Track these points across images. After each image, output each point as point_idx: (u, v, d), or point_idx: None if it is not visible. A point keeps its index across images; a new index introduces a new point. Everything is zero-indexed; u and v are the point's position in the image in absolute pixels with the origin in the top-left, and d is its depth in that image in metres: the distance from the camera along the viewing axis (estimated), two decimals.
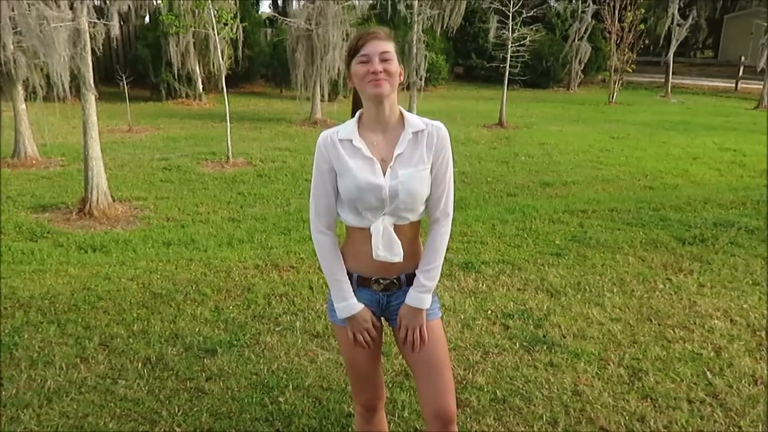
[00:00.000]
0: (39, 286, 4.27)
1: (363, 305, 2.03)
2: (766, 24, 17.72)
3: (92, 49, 6.50)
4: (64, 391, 3.01)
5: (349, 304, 2.01)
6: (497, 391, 3.06)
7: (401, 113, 1.98)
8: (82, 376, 3.14)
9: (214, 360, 3.32)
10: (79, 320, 3.74)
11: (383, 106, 1.93)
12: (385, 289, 2.03)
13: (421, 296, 2.00)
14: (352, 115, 2.05)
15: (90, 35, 6.40)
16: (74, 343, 3.47)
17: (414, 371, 2.10)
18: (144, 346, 3.45)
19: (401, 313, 2.03)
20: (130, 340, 3.53)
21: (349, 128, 1.97)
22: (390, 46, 1.90)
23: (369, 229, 1.94)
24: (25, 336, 3.53)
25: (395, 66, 1.90)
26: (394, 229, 1.93)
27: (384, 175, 1.91)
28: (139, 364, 3.27)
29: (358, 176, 1.90)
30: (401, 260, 1.94)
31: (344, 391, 3.03)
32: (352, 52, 1.91)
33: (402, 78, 1.94)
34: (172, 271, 4.61)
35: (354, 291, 2.02)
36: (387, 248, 1.92)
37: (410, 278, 2.02)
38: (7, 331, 3.59)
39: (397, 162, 1.93)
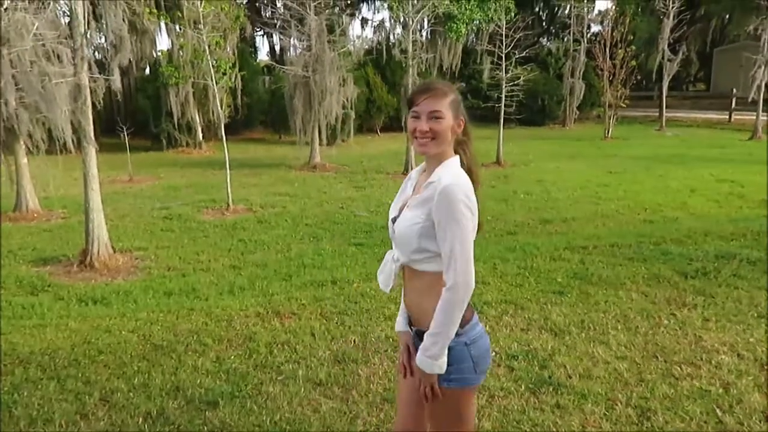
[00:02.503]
0: (39, 341, 4.24)
1: (406, 330, 2.14)
2: (755, 57, 18.01)
3: (92, 103, 6.61)
4: None
5: (398, 320, 2.20)
6: None
7: (450, 162, 2.01)
8: None
9: (216, 412, 3.27)
10: (80, 375, 3.70)
11: (429, 158, 2.03)
12: (414, 335, 2.13)
13: (423, 359, 1.97)
14: None
15: (90, 89, 6.52)
16: (74, 399, 3.43)
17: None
18: (145, 400, 3.41)
19: (414, 370, 2.07)
20: (131, 394, 3.48)
21: (420, 167, 2.13)
22: (442, 104, 1.95)
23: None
24: (25, 393, 3.49)
25: (444, 125, 1.95)
26: (406, 271, 2.05)
27: (400, 211, 2.06)
28: (140, 419, 3.22)
29: (392, 211, 2.12)
30: (386, 291, 2.09)
31: None
32: (408, 104, 2.00)
33: (459, 130, 2.01)
34: (173, 322, 4.58)
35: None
36: (381, 273, 2.10)
37: (421, 336, 2.01)
38: (6, 388, 3.55)
39: (410, 203, 2.04)
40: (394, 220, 2.08)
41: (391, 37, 21.47)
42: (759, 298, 4.81)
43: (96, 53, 17.27)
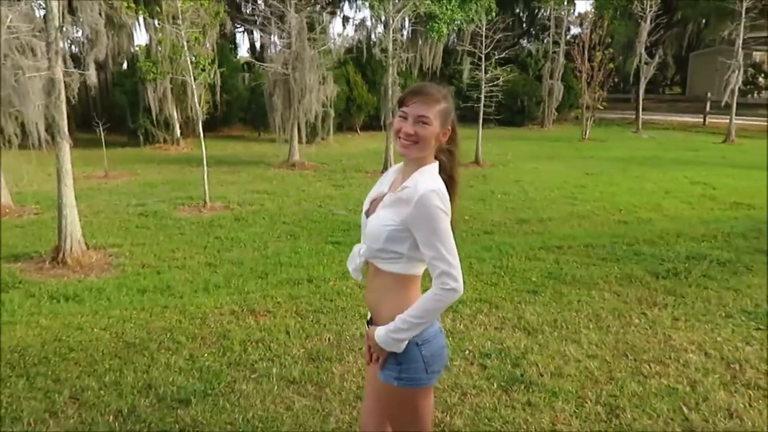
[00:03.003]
0: (8, 339, 4.17)
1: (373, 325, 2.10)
2: (729, 61, 18.33)
3: (67, 98, 6.51)
4: None
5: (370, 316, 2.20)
6: None
7: (429, 167, 2.01)
8: None
9: (188, 410, 3.26)
10: (49, 373, 3.66)
11: (408, 160, 2.02)
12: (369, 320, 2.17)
13: (386, 336, 1.98)
14: None
15: (65, 84, 6.42)
16: (43, 397, 3.39)
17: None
18: (116, 398, 3.38)
19: (368, 332, 2.07)
20: (102, 392, 3.45)
21: (401, 164, 2.10)
22: (431, 111, 1.93)
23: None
24: None
25: (430, 131, 1.93)
26: (370, 267, 2.07)
27: (375, 207, 2.06)
28: (111, 417, 3.19)
29: (367, 209, 2.11)
30: (359, 279, 2.12)
31: None
32: (399, 102, 2.00)
33: (444, 139, 1.99)
34: (146, 320, 4.54)
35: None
36: (350, 263, 2.13)
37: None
38: None
39: (384, 201, 2.03)
40: (367, 214, 2.10)
41: (372, 36, 21.46)
42: (727, 299, 4.91)
43: (72, 47, 17.05)
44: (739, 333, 4.25)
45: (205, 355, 3.92)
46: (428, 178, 1.95)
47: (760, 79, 25.64)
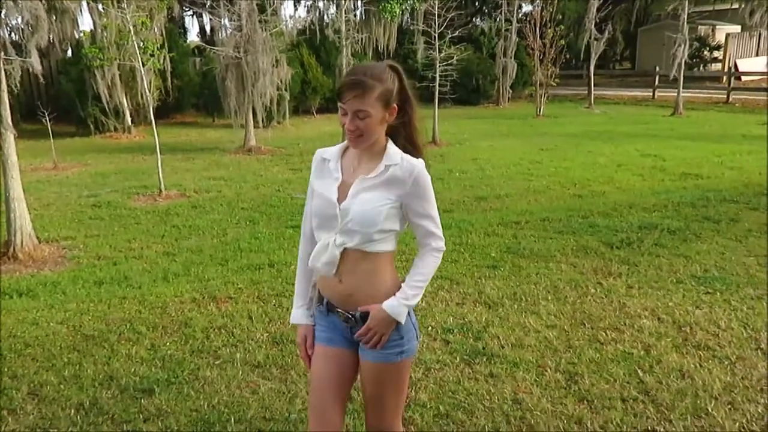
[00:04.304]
0: None
1: (305, 323, 2.16)
2: (675, 36, 18.78)
3: (9, 87, 6.27)
4: None
5: (294, 313, 2.18)
6: (440, 407, 3.09)
7: (386, 144, 2.00)
8: (10, 429, 2.99)
9: (152, 400, 3.23)
10: (5, 370, 3.56)
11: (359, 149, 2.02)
12: (345, 320, 2.05)
13: (399, 306, 1.99)
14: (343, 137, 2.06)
15: (6, 72, 6.18)
16: (0, 394, 3.30)
17: (365, 406, 2.18)
18: (77, 392, 3.32)
19: (373, 313, 1.99)
20: (62, 386, 3.38)
21: (334, 149, 2.06)
22: (368, 102, 1.88)
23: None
24: None
25: (371, 123, 1.90)
26: (349, 256, 1.97)
27: (344, 194, 1.97)
28: (72, 411, 3.14)
29: (319, 192, 2.03)
30: (326, 272, 2.01)
31: (287, 421, 3.00)
32: (337, 96, 1.95)
33: (392, 118, 1.97)
34: (104, 311, 4.46)
35: (325, 314, 2.10)
36: (320, 260, 2.01)
37: (365, 318, 2.01)
38: None
39: (361, 185, 1.96)
40: (338, 203, 1.98)
41: (325, 17, 21.24)
42: (678, 265, 5.09)
43: (12, 34, 16.36)
44: (689, 298, 4.42)
45: (167, 344, 3.88)
46: (403, 153, 2.00)
47: (705, 53, 26.32)
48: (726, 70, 25.12)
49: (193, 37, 27.58)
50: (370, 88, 1.89)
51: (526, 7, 25.32)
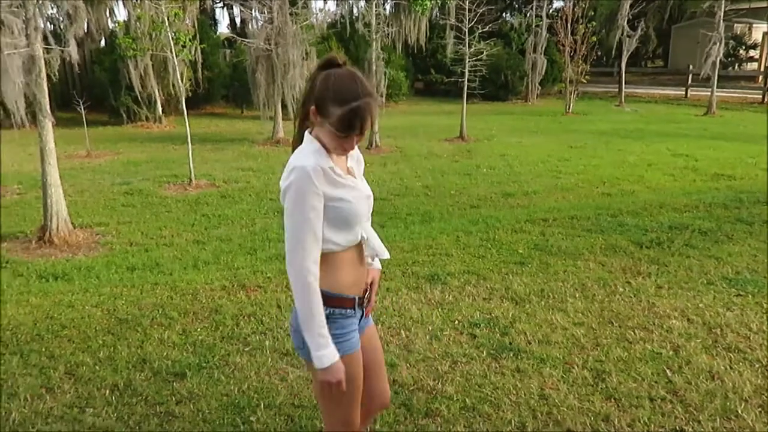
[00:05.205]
0: None
1: (338, 356, 1.92)
2: (710, 33, 18.42)
3: (48, 75, 6.42)
4: (30, 423, 2.95)
5: (332, 351, 1.89)
6: (466, 400, 3.11)
7: None
8: (48, 407, 3.09)
9: (184, 383, 3.30)
10: (43, 350, 3.67)
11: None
12: (361, 305, 2.06)
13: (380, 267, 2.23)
14: (298, 139, 1.98)
15: (45, 61, 6.32)
16: (38, 373, 3.41)
17: (368, 372, 2.11)
18: (111, 373, 3.41)
19: (376, 279, 2.17)
20: (97, 367, 3.48)
21: (323, 157, 1.88)
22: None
23: (360, 240, 2.01)
24: None
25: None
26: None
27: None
28: (107, 392, 3.23)
29: (349, 197, 1.91)
30: (364, 266, 2.10)
31: (316, 407, 3.05)
32: (344, 117, 1.80)
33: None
34: (137, 296, 4.56)
35: (358, 317, 2.05)
36: (373, 248, 2.08)
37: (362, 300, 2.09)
38: None
39: (358, 176, 2.05)
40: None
41: (355, 10, 21.25)
42: (709, 267, 5.02)
43: (49, 24, 16.70)
44: (720, 299, 4.37)
45: (198, 329, 3.96)
46: None
47: (741, 52, 25.78)
48: (762, 69, 24.58)
49: (223, 28, 27.85)
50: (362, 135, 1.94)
51: (557, 3, 25.08)
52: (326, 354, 1.87)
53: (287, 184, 1.83)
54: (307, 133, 1.93)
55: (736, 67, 25.86)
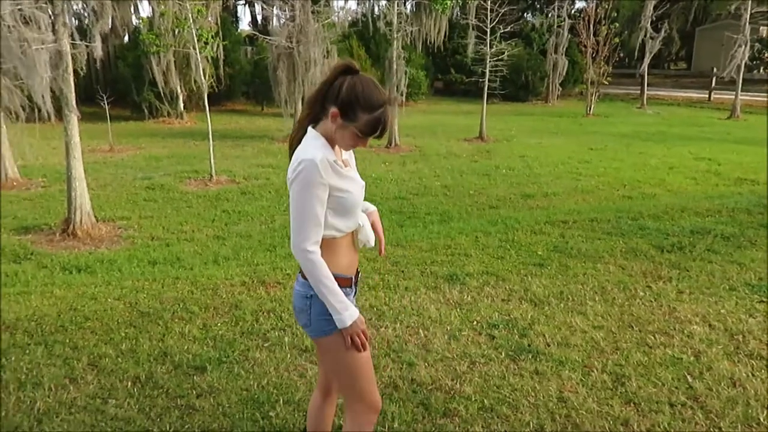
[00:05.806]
0: (24, 308, 4.26)
1: (358, 313, 2.20)
2: (735, 36, 18.17)
3: (74, 70, 6.51)
4: (54, 412, 3.01)
5: (353, 310, 2.11)
6: (485, 400, 3.11)
7: None
8: (72, 397, 3.14)
9: (204, 377, 3.34)
10: (67, 341, 3.74)
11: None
12: (356, 280, 2.28)
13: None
14: (300, 134, 2.13)
15: (72, 56, 6.42)
16: (62, 363, 3.47)
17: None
18: (133, 365, 3.46)
19: (375, 220, 2.32)
20: (119, 359, 3.53)
21: (329, 151, 2.05)
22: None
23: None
24: (13, 358, 3.53)
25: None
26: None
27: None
28: (129, 383, 3.28)
29: (350, 187, 2.10)
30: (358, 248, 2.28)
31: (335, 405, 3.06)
32: (372, 122, 1.99)
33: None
34: (158, 290, 4.61)
35: (350, 294, 2.21)
36: (364, 234, 2.25)
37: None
38: None
39: (351, 166, 2.21)
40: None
41: (376, 8, 21.25)
42: (731, 272, 4.97)
43: (74, 19, 16.92)
44: (742, 305, 4.32)
45: (218, 324, 4.00)
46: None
47: (767, 55, 25.39)
48: None
49: (244, 26, 28.03)
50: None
51: (580, 3, 24.90)
52: (347, 314, 2.08)
53: (296, 173, 2.00)
54: (310, 128, 2.09)
55: (761, 70, 25.45)
